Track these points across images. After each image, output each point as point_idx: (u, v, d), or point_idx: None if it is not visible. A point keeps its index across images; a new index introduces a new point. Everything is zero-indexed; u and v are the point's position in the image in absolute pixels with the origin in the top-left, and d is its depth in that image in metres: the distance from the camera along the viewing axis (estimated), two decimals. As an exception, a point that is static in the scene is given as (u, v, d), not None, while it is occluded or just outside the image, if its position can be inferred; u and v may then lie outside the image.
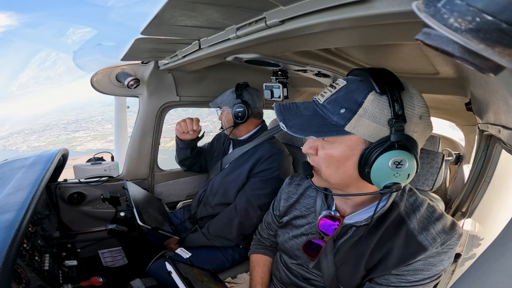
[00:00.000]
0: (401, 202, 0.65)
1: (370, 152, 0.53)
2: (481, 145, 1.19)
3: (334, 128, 0.54)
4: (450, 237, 0.59)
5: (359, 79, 0.56)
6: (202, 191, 1.39)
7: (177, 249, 1.16)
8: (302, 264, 0.78)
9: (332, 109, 0.55)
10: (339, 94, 0.56)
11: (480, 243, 1.00)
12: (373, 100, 0.52)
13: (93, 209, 1.48)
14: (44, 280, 0.75)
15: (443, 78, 1.03)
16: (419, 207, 0.64)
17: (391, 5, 0.37)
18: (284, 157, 1.25)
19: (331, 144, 0.58)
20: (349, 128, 0.53)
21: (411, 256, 0.60)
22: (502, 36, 0.19)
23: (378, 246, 0.64)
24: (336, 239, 0.70)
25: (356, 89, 0.54)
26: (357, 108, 0.52)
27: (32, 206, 0.79)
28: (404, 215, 0.63)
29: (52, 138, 27.10)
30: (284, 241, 0.82)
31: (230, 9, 0.60)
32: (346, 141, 0.56)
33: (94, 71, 1.34)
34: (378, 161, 0.52)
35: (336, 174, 0.60)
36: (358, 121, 0.52)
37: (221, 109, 1.34)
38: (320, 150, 0.61)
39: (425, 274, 0.61)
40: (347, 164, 0.57)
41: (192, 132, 1.34)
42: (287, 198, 0.86)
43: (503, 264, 0.34)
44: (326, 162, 0.59)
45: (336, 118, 0.54)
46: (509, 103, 0.56)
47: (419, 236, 0.60)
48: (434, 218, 0.62)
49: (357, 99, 0.53)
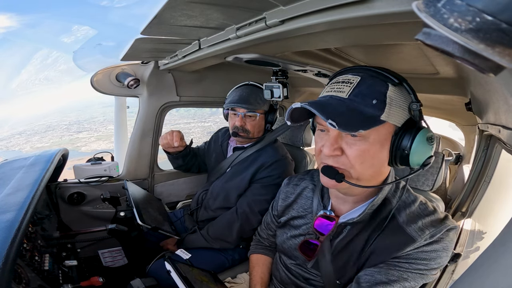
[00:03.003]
0: (394, 198, 0.66)
1: (403, 136, 0.56)
2: (481, 145, 1.19)
3: (372, 120, 0.54)
4: (438, 230, 0.60)
5: (369, 74, 0.58)
6: (202, 192, 1.38)
7: (177, 250, 1.16)
8: (301, 264, 0.78)
9: (363, 102, 0.55)
10: (361, 88, 0.56)
11: (480, 243, 1.00)
12: (394, 90, 0.57)
13: (93, 209, 1.48)
14: (44, 280, 0.75)
15: (443, 78, 1.03)
16: (411, 204, 0.65)
17: (391, 5, 0.37)
18: (287, 163, 1.23)
19: (364, 139, 0.56)
20: (384, 117, 0.55)
21: (400, 247, 0.61)
22: (502, 36, 0.19)
23: (369, 241, 0.65)
24: (332, 238, 0.70)
25: (374, 82, 0.57)
26: (384, 98, 0.55)
27: (32, 206, 0.79)
28: (395, 211, 0.64)
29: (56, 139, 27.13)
30: (282, 242, 0.83)
31: (230, 9, 0.60)
32: (379, 131, 0.56)
33: (94, 71, 1.34)
34: (416, 141, 0.55)
35: (371, 168, 0.59)
36: (390, 109, 0.55)
37: (256, 113, 1.21)
38: (350, 147, 0.57)
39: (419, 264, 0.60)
40: (382, 154, 0.58)
41: (177, 144, 1.23)
42: (285, 198, 0.87)
43: (503, 264, 0.34)
44: (360, 158, 0.57)
45: (370, 109, 0.55)
46: (509, 103, 0.56)
47: (407, 228, 0.61)
48: (425, 214, 0.63)
49: (381, 90, 0.56)
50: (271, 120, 1.27)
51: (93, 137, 24.85)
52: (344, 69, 0.63)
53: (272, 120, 1.28)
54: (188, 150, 1.36)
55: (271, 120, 1.27)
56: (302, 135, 1.50)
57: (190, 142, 1.40)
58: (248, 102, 1.19)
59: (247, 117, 1.22)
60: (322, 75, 1.25)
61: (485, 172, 1.17)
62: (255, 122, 1.23)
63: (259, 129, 1.26)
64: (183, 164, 1.42)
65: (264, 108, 1.25)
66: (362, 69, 0.60)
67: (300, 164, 1.47)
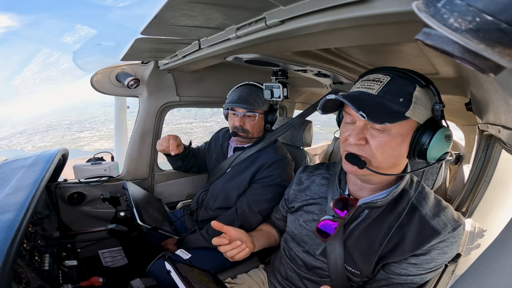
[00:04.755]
0: (411, 190, 0.72)
1: (423, 132, 0.61)
2: (481, 145, 1.19)
3: (396, 115, 0.59)
4: (458, 224, 0.66)
5: (398, 74, 0.62)
6: (203, 192, 1.38)
7: (177, 250, 1.16)
8: (309, 251, 0.81)
9: (391, 99, 0.60)
10: (390, 86, 0.61)
11: (480, 243, 1.00)
12: (420, 91, 0.61)
13: (93, 209, 1.47)
14: (44, 280, 0.75)
15: (443, 78, 1.03)
16: (428, 195, 0.71)
17: (391, 5, 0.37)
18: (287, 163, 1.23)
19: (387, 132, 0.61)
20: (409, 113, 0.59)
21: (425, 240, 0.66)
22: (502, 36, 0.19)
23: (394, 232, 0.68)
24: (347, 223, 0.74)
25: (403, 82, 0.61)
26: (411, 97, 0.60)
27: (32, 206, 0.79)
28: (416, 202, 0.70)
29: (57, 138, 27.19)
30: (294, 227, 0.86)
31: (230, 9, 0.60)
32: (402, 126, 0.61)
33: (94, 71, 1.34)
34: (436, 137, 0.60)
35: (390, 158, 0.64)
36: (415, 108, 0.60)
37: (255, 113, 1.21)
38: (374, 138, 0.63)
39: (437, 261, 0.67)
40: (402, 147, 0.63)
41: (173, 153, 1.20)
42: (298, 183, 0.92)
43: (503, 264, 0.34)
44: (382, 148, 0.62)
45: (397, 106, 0.59)
46: (509, 103, 0.56)
47: (431, 221, 0.67)
48: (443, 206, 0.69)
49: (408, 90, 0.60)
50: (271, 120, 1.27)
51: (95, 137, 24.91)
52: (374, 69, 0.67)
53: (272, 120, 1.27)
54: (187, 151, 1.36)
55: (271, 120, 1.27)
56: (302, 135, 1.50)
57: (189, 143, 1.39)
58: (247, 102, 1.19)
59: (246, 117, 1.22)
60: (322, 75, 1.25)
61: (485, 172, 1.17)
62: (254, 122, 1.23)
63: (258, 129, 1.26)
64: (182, 165, 1.42)
65: (263, 108, 1.25)
66: (392, 70, 0.64)
67: (300, 164, 1.47)
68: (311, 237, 0.81)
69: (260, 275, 1.02)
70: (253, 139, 1.26)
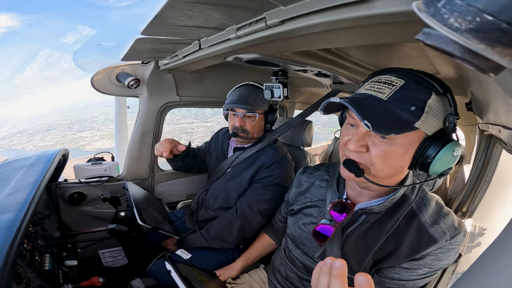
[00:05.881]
0: (412, 195, 0.69)
1: (430, 144, 0.56)
2: (481, 145, 1.19)
3: (404, 125, 0.54)
4: (458, 232, 0.64)
5: (413, 78, 0.57)
6: (203, 192, 1.38)
7: (178, 250, 1.16)
8: (308, 253, 0.81)
9: (401, 106, 0.54)
10: (401, 91, 0.55)
11: (480, 243, 1.00)
12: (436, 99, 0.55)
13: (93, 209, 1.48)
14: (45, 280, 0.75)
15: (443, 78, 1.01)
16: (429, 202, 0.68)
17: (391, 5, 0.37)
18: (287, 163, 1.23)
19: (391, 141, 0.56)
20: (418, 124, 0.54)
21: (422, 248, 0.64)
22: (502, 36, 0.19)
23: (390, 237, 0.67)
24: (345, 227, 0.73)
25: (417, 88, 0.55)
26: (424, 106, 0.54)
27: (33, 206, 0.79)
28: (416, 208, 0.68)
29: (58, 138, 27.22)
30: (293, 230, 0.86)
31: (230, 9, 0.60)
32: (408, 136, 0.56)
33: (94, 71, 1.34)
34: (443, 151, 0.55)
35: (390, 168, 0.60)
36: (426, 118, 0.55)
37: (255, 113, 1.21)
38: (375, 147, 0.58)
39: (431, 267, 0.66)
40: (405, 158, 0.59)
41: (165, 155, 1.21)
42: (298, 185, 0.91)
43: (503, 264, 0.34)
44: (382, 158, 0.58)
45: (406, 114, 0.54)
46: (509, 103, 0.56)
47: (430, 229, 0.64)
48: (444, 213, 0.66)
49: (421, 98, 0.55)
50: (271, 120, 1.27)
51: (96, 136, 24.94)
52: (387, 69, 0.62)
53: (272, 120, 1.27)
54: (187, 151, 1.36)
55: (270, 120, 1.27)
56: (302, 135, 1.50)
57: (189, 144, 1.39)
58: (247, 102, 1.18)
59: (246, 117, 1.22)
60: (322, 75, 1.25)
61: (485, 172, 1.17)
62: (254, 123, 1.23)
63: (258, 129, 1.26)
64: (182, 165, 1.42)
65: (263, 108, 1.25)
66: (407, 72, 0.58)
67: (300, 164, 1.47)
68: (310, 240, 0.80)
69: (260, 275, 1.02)
70: (253, 139, 1.26)
